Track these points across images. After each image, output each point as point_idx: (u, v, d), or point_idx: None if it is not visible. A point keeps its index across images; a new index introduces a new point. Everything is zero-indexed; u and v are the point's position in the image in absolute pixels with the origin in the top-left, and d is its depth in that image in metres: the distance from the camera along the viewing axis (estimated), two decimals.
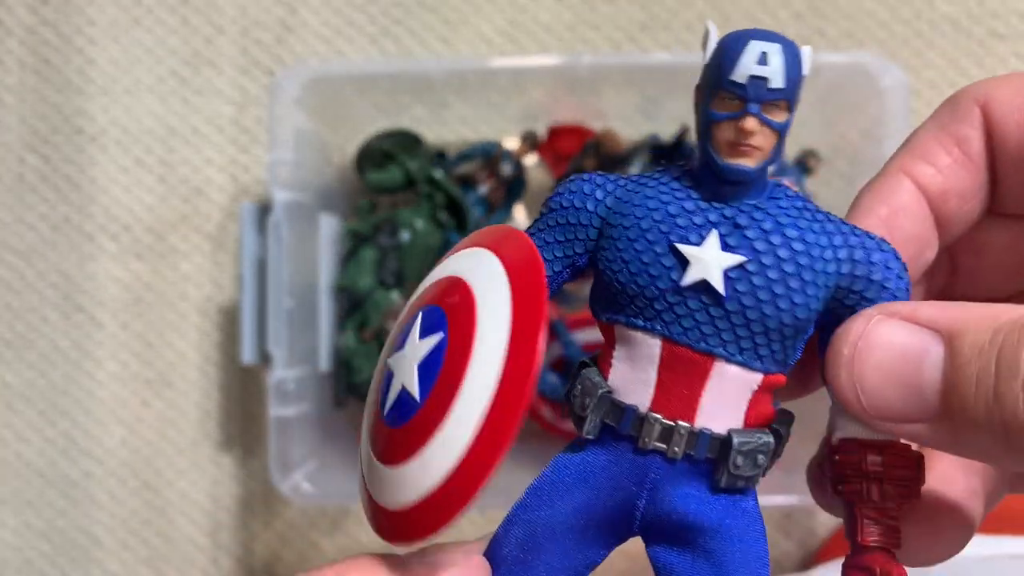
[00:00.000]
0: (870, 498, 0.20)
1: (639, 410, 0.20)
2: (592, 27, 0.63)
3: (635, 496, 0.20)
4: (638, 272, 0.20)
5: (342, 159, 0.63)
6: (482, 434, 0.17)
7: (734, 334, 0.20)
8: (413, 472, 0.18)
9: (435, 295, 0.20)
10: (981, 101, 0.21)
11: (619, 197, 0.21)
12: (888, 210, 0.21)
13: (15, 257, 0.66)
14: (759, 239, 0.19)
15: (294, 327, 0.56)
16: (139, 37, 0.65)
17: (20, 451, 0.67)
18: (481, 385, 0.17)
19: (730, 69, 0.19)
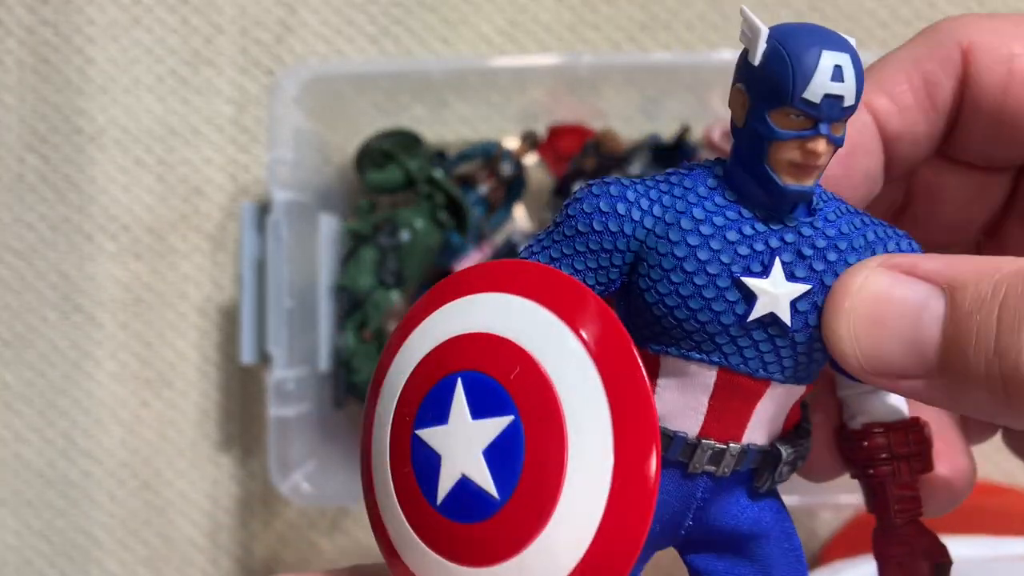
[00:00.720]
0: (901, 478, 0.21)
1: (688, 437, 0.20)
2: (592, 27, 0.63)
3: (682, 516, 0.20)
4: (699, 308, 0.18)
5: (342, 159, 0.63)
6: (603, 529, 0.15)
7: (794, 361, 0.19)
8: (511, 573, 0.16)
9: (475, 360, 0.17)
10: (964, 44, 0.20)
11: (658, 216, 0.19)
12: (847, 149, 0.20)
13: (14, 257, 0.66)
14: (818, 261, 0.18)
15: (294, 327, 0.56)
16: (138, 36, 0.65)
17: (19, 451, 0.67)
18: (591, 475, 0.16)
19: (803, 85, 0.17)
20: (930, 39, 0.20)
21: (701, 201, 0.18)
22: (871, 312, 0.17)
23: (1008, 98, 0.19)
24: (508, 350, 0.17)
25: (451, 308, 0.18)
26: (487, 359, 0.17)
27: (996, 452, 0.63)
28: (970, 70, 0.20)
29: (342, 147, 0.63)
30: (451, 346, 0.18)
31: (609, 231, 0.19)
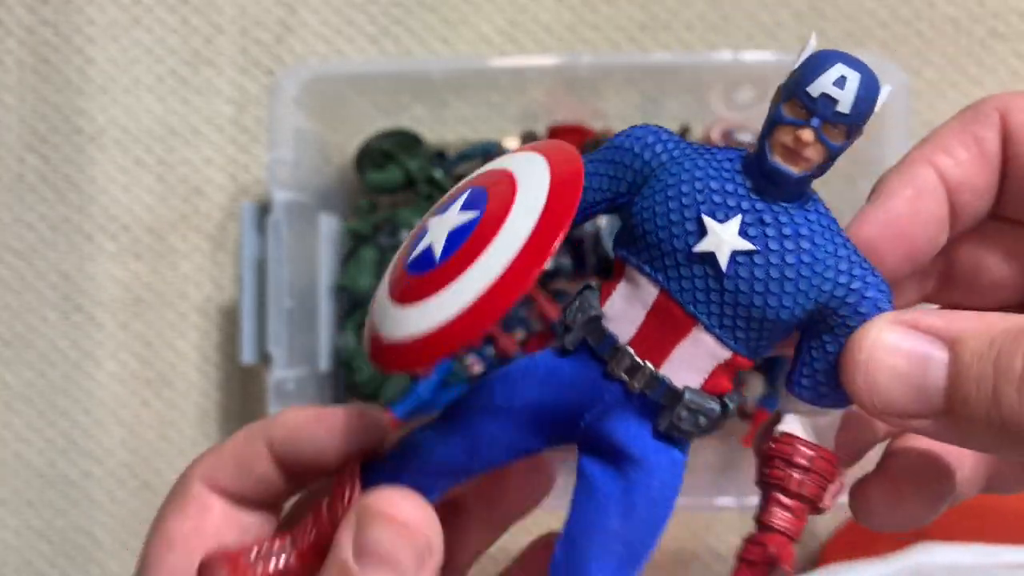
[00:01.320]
0: (788, 487, 0.22)
1: (618, 341, 0.22)
2: (592, 27, 0.63)
3: (585, 409, 0.23)
4: (663, 227, 0.22)
5: (342, 159, 0.63)
6: (483, 297, 0.20)
7: (720, 310, 0.22)
8: (415, 314, 0.21)
9: (486, 180, 0.23)
10: (1002, 109, 0.23)
11: (674, 156, 0.23)
12: (914, 191, 0.23)
13: (14, 257, 0.66)
14: (775, 238, 0.21)
15: (294, 327, 0.56)
16: (138, 36, 0.65)
17: (19, 451, 0.67)
18: (495, 260, 0.21)
19: (808, 81, 0.20)
20: (973, 108, 0.23)
21: (711, 159, 0.22)
22: (883, 363, 0.20)
23: None
24: (506, 177, 0.22)
25: (501, 158, 0.24)
26: (491, 180, 0.23)
27: None
28: (1008, 127, 0.23)
29: (342, 147, 0.63)
30: (483, 174, 0.24)
31: (634, 151, 0.23)
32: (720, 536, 0.63)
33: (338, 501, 0.24)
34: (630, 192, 0.23)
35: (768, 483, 0.23)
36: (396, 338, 0.21)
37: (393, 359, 0.22)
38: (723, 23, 0.63)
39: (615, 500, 0.23)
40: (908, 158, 0.24)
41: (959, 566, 0.48)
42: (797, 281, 0.21)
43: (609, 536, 0.23)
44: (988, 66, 0.62)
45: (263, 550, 0.24)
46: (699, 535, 0.63)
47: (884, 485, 0.24)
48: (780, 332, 0.22)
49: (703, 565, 0.63)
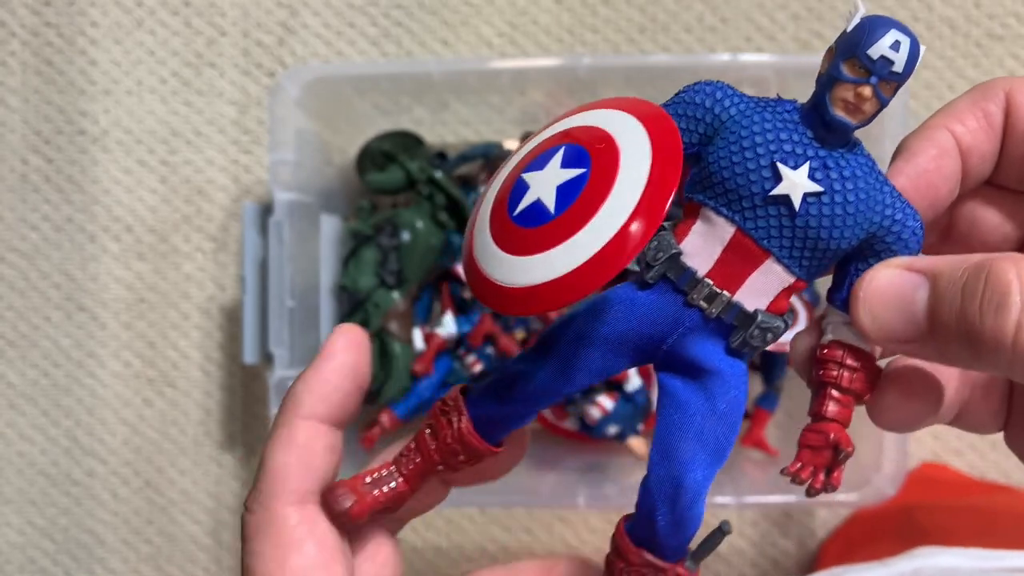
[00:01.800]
0: (839, 383, 0.26)
1: (697, 274, 0.25)
2: (591, 29, 0.64)
3: (667, 335, 0.26)
4: (741, 174, 0.25)
5: (343, 160, 0.63)
6: (601, 252, 0.23)
7: (791, 243, 0.25)
8: (538, 264, 0.23)
9: (578, 137, 0.25)
10: (1007, 89, 0.27)
11: (741, 110, 0.25)
12: (937, 151, 0.27)
13: (18, 257, 0.67)
14: (838, 180, 0.25)
15: (296, 327, 0.56)
16: (141, 39, 0.66)
17: (23, 450, 0.67)
18: (612, 218, 0.23)
19: (868, 44, 0.23)
20: (984, 86, 0.27)
21: (775, 113, 0.25)
22: (880, 297, 0.24)
23: None
24: (602, 135, 0.25)
25: (577, 115, 0.26)
26: (586, 137, 0.25)
27: (994, 451, 0.63)
28: (1011, 105, 0.27)
29: (343, 148, 0.63)
30: (567, 132, 0.26)
31: (704, 106, 0.26)
32: None
33: (444, 428, 0.27)
34: (700, 143, 0.26)
35: (823, 382, 0.26)
36: (523, 284, 0.24)
37: (523, 303, 0.24)
38: (721, 25, 0.63)
39: (700, 407, 0.26)
40: (928, 124, 0.27)
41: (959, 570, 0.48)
42: (856, 215, 0.25)
43: (699, 436, 0.26)
44: (985, 67, 0.63)
45: (376, 477, 0.28)
46: (698, 534, 0.63)
47: (896, 386, 0.27)
48: (835, 258, 0.26)
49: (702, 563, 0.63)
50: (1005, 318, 0.21)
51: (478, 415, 0.27)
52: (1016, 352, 0.21)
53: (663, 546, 0.27)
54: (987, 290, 0.22)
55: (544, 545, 0.65)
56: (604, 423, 0.58)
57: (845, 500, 0.54)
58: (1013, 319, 0.21)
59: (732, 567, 0.64)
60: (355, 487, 0.28)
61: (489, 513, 0.65)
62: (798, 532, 0.63)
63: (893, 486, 0.53)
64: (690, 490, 0.26)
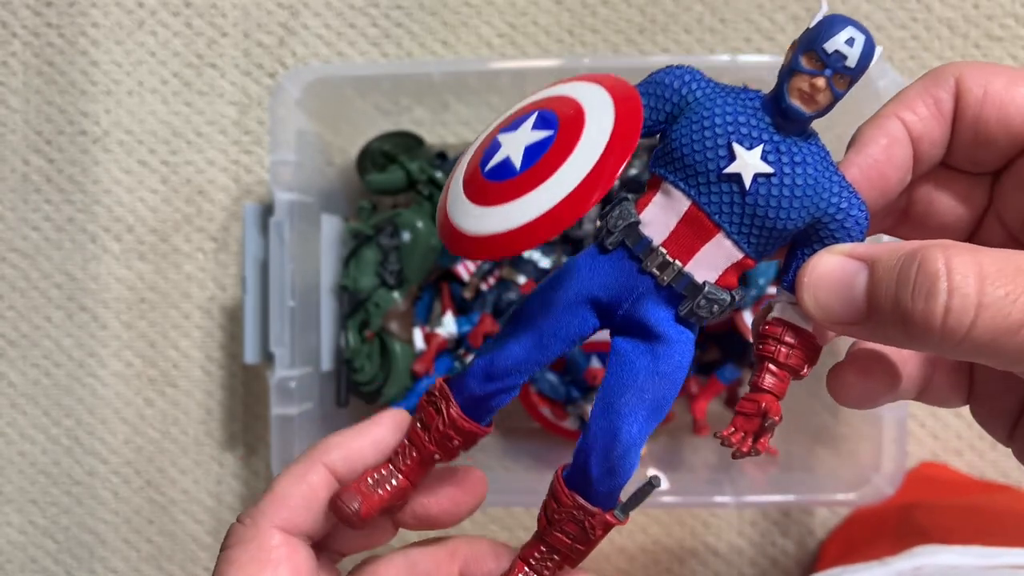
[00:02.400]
0: (776, 358, 0.27)
1: (652, 242, 0.27)
2: (591, 30, 0.64)
3: (623, 299, 0.28)
4: (699, 151, 0.26)
5: (343, 160, 0.63)
6: (564, 201, 0.25)
7: (740, 220, 0.26)
8: (498, 214, 0.26)
9: (552, 104, 0.27)
10: (956, 74, 0.28)
11: (707, 94, 0.27)
12: (887, 140, 0.28)
13: (19, 257, 0.67)
14: (788, 164, 0.26)
15: (296, 327, 0.56)
16: (142, 40, 0.66)
17: (24, 450, 0.67)
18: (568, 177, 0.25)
19: (825, 39, 0.25)
20: (934, 73, 0.28)
21: (737, 98, 0.27)
22: (823, 281, 0.26)
23: (983, 109, 0.27)
24: (573, 104, 0.27)
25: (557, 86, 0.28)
26: (559, 105, 0.27)
27: (993, 451, 0.63)
28: (960, 90, 0.28)
29: (344, 149, 0.63)
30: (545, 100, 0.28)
31: (673, 87, 0.27)
32: (718, 534, 0.64)
33: (433, 418, 0.29)
34: (667, 121, 0.27)
35: (762, 356, 0.28)
36: (482, 233, 0.26)
37: (478, 249, 0.26)
38: (721, 26, 0.63)
39: (644, 367, 0.28)
40: (879, 113, 0.29)
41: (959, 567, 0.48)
42: (802, 199, 0.26)
43: (640, 393, 0.27)
44: None
45: (377, 477, 0.29)
46: (697, 533, 0.64)
47: (855, 366, 0.29)
48: (782, 239, 0.27)
49: (701, 562, 0.64)
50: (934, 303, 0.23)
51: (464, 399, 0.29)
52: (944, 334, 0.23)
53: (595, 492, 0.28)
54: (919, 276, 0.23)
55: None
56: None
57: (845, 500, 0.54)
58: (941, 303, 0.23)
59: (731, 566, 0.64)
60: (359, 489, 0.29)
61: (489, 512, 0.65)
62: (797, 532, 0.64)
63: (892, 486, 0.53)
64: (624, 441, 0.27)
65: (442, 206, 0.28)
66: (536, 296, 0.29)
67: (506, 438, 0.63)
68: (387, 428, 0.30)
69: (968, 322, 0.23)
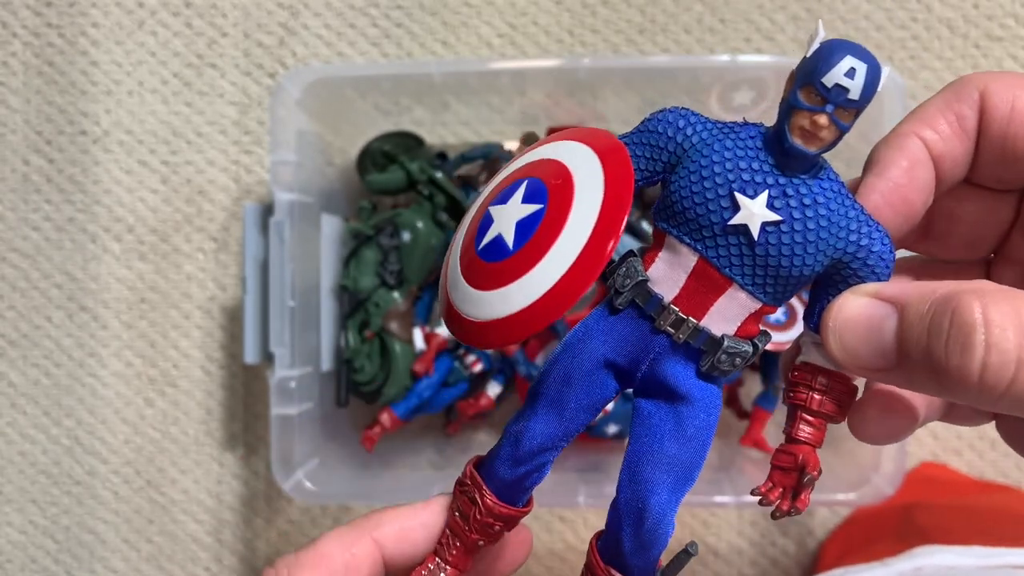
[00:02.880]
0: (810, 406, 0.26)
1: (664, 300, 0.26)
2: (591, 30, 0.64)
3: (641, 360, 0.26)
4: (700, 204, 0.25)
5: (344, 160, 0.63)
6: (560, 284, 0.24)
7: (753, 271, 0.25)
8: (496, 299, 0.25)
9: (540, 172, 0.26)
10: (981, 88, 0.26)
11: (703, 138, 0.26)
12: (908, 162, 0.26)
13: (19, 257, 0.67)
14: (797, 208, 0.25)
15: (296, 327, 0.56)
16: (142, 40, 0.66)
17: (25, 449, 0.67)
18: (564, 253, 0.24)
19: (823, 72, 0.23)
20: (957, 86, 0.27)
21: (736, 139, 0.25)
22: (849, 326, 0.24)
23: (1011, 126, 0.26)
24: (562, 170, 0.25)
25: (546, 147, 0.27)
26: (547, 172, 0.26)
27: (993, 451, 0.63)
28: (985, 105, 0.26)
29: (344, 149, 0.63)
30: (534, 164, 0.27)
31: (667, 135, 0.26)
32: (718, 534, 0.64)
33: (470, 508, 0.28)
34: (665, 171, 0.26)
35: (795, 404, 0.27)
36: (483, 318, 0.25)
37: (482, 337, 0.25)
38: (720, 26, 0.63)
39: (670, 430, 0.26)
40: (898, 131, 0.27)
41: (959, 568, 0.48)
42: (817, 243, 0.25)
43: (667, 459, 0.26)
44: (984, 68, 0.63)
45: (426, 573, 0.28)
46: (697, 532, 0.64)
47: (876, 402, 0.28)
48: (801, 284, 0.26)
49: (701, 562, 0.64)
50: (970, 358, 0.21)
51: (497, 485, 0.28)
52: (983, 391, 0.22)
53: (629, 566, 0.27)
54: (952, 328, 0.22)
55: (544, 544, 0.65)
56: (604, 423, 0.59)
57: (845, 500, 0.54)
58: (978, 359, 0.21)
59: (732, 566, 0.64)
60: None
61: None
62: (797, 532, 0.64)
63: (892, 486, 0.53)
64: (654, 513, 0.26)
65: (443, 288, 0.27)
66: (552, 369, 0.27)
67: None
68: (437, 512, 0.29)
69: (1008, 378, 0.21)
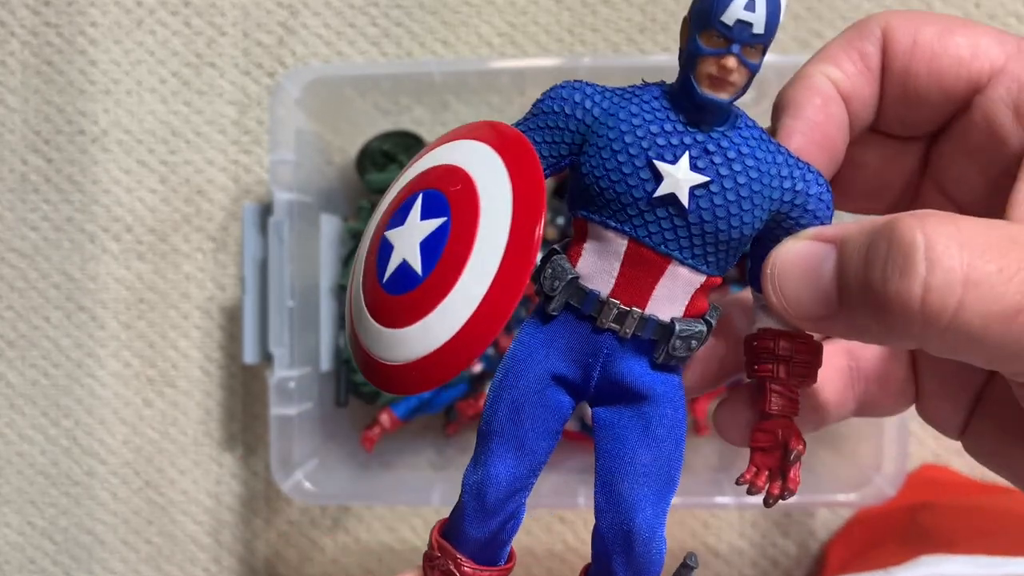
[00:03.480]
0: (778, 376, 0.24)
1: (601, 295, 0.23)
2: (591, 29, 0.64)
3: (591, 366, 0.24)
4: (618, 181, 0.23)
5: (343, 160, 0.63)
6: (482, 307, 0.21)
7: (690, 242, 0.23)
8: (415, 335, 0.21)
9: (435, 181, 0.23)
10: (883, 25, 0.25)
11: (605, 108, 0.23)
12: (821, 100, 0.24)
13: (18, 257, 0.67)
14: (723, 164, 0.23)
15: (295, 327, 0.56)
16: (141, 39, 0.66)
17: (23, 450, 0.67)
18: (484, 265, 0.21)
19: (721, 11, 0.21)
20: (859, 25, 0.25)
21: (641, 103, 0.23)
22: (788, 271, 0.23)
23: (912, 61, 0.24)
24: (458, 174, 0.22)
25: (433, 152, 0.24)
26: (442, 180, 0.23)
27: None
28: (887, 41, 0.25)
29: (343, 148, 0.63)
30: (424, 175, 0.23)
31: (564, 113, 0.24)
32: (719, 535, 0.64)
33: None
34: (571, 154, 0.24)
35: (761, 377, 0.25)
36: (404, 360, 0.22)
37: (407, 381, 0.22)
38: None
39: (638, 436, 0.24)
40: (803, 72, 0.25)
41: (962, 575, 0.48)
42: (751, 198, 0.23)
43: (643, 469, 0.24)
44: None
45: None
46: (698, 533, 0.63)
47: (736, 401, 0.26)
48: (742, 245, 0.24)
49: (701, 563, 0.63)
50: (911, 280, 0.19)
51: (471, 547, 0.24)
52: (927, 318, 0.19)
53: None
54: (891, 251, 0.20)
55: (544, 545, 0.65)
56: None
57: (845, 500, 0.54)
58: (919, 280, 0.19)
59: (732, 567, 0.64)
60: None
61: None
62: (798, 532, 0.63)
63: (893, 486, 0.53)
64: (643, 533, 0.23)
65: (351, 333, 0.24)
66: (497, 402, 0.24)
67: None
68: None
69: (954, 302, 0.19)
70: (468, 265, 0.21)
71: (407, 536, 0.65)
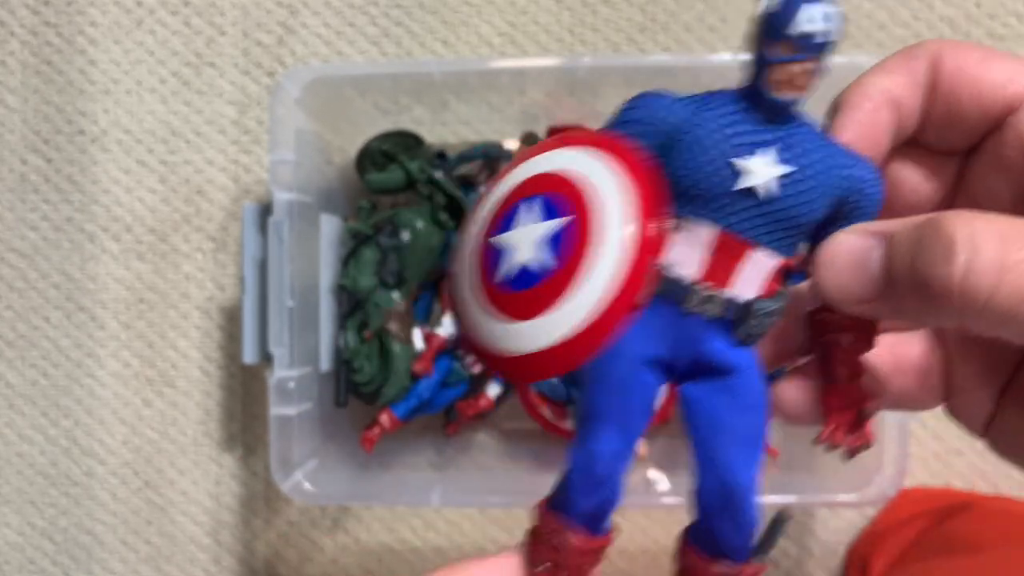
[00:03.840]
0: (844, 344, 0.27)
1: (688, 281, 0.26)
2: (591, 29, 0.64)
3: (681, 347, 0.26)
4: (702, 178, 0.25)
5: (343, 159, 0.63)
6: (608, 297, 0.22)
7: (770, 229, 0.26)
8: (546, 324, 0.23)
9: (548, 188, 0.25)
10: (932, 50, 0.28)
11: (685, 117, 0.26)
12: (872, 104, 0.28)
13: (17, 257, 0.67)
14: (802, 155, 0.25)
15: (295, 327, 0.56)
16: (141, 39, 0.66)
17: (22, 450, 0.67)
18: (607, 261, 0.23)
19: (786, 24, 0.24)
20: (912, 47, 0.28)
21: (719, 107, 0.26)
22: (839, 260, 0.25)
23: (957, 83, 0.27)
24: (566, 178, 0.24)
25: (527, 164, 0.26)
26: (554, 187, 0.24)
27: None
28: (936, 62, 0.28)
29: (343, 148, 0.63)
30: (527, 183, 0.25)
31: (652, 122, 0.26)
32: None
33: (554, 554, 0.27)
34: (658, 156, 0.26)
35: (825, 345, 0.27)
36: (529, 351, 0.24)
37: (536, 369, 0.24)
38: (721, 25, 0.63)
39: (726, 407, 0.26)
40: (859, 80, 0.28)
41: None
42: (822, 187, 0.25)
43: (738, 435, 0.26)
44: None
45: None
46: None
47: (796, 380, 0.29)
48: (811, 230, 0.26)
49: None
50: (953, 264, 0.22)
51: (581, 518, 0.27)
52: (965, 298, 0.22)
53: (730, 550, 0.27)
54: (937, 241, 0.23)
55: None
56: None
57: (846, 500, 0.54)
58: (960, 264, 0.22)
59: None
60: None
61: (489, 513, 0.65)
62: (798, 532, 0.63)
63: (894, 487, 0.53)
64: (741, 493, 0.26)
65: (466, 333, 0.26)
66: (593, 385, 0.27)
67: (506, 438, 0.63)
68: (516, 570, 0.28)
69: (991, 284, 0.22)
70: (589, 264, 0.23)
71: (407, 536, 0.65)
